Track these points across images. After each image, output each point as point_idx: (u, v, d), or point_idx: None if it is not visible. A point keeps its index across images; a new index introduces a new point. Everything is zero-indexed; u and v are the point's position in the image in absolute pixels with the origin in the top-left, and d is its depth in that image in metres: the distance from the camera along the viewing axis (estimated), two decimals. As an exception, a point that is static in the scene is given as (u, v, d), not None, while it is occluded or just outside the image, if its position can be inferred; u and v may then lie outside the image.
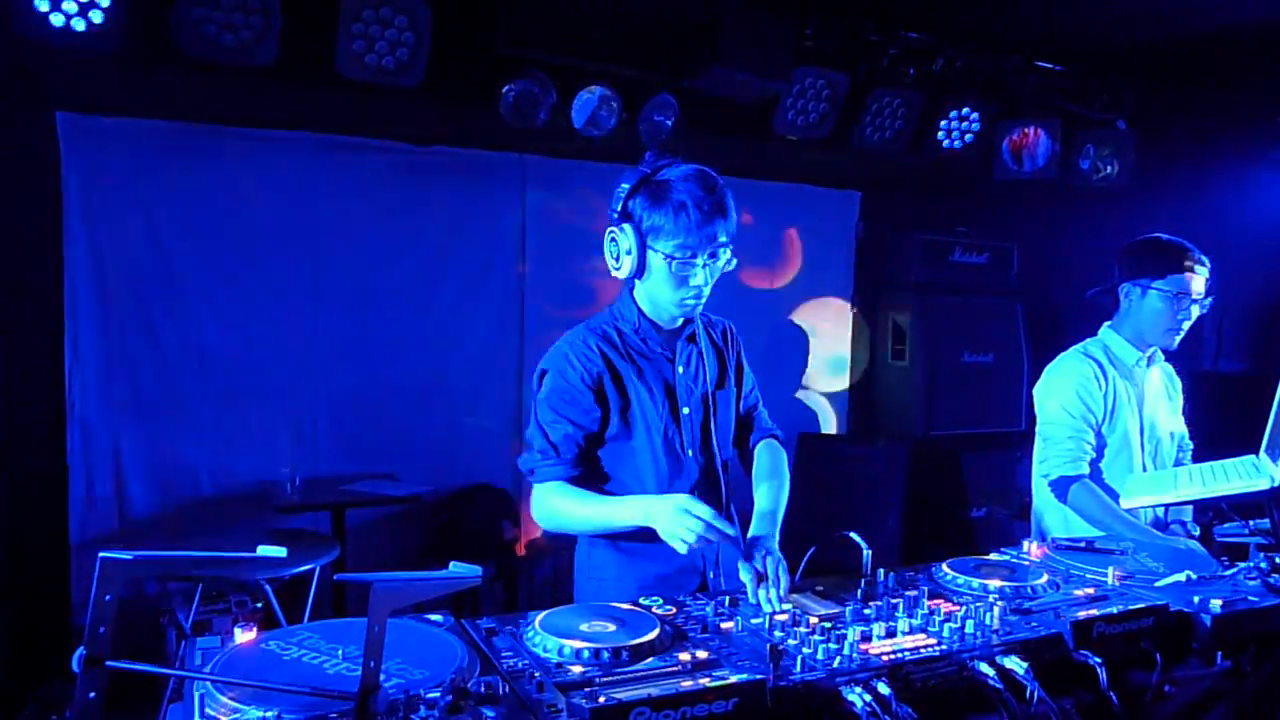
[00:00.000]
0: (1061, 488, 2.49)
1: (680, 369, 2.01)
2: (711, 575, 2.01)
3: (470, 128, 4.10)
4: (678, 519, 1.68)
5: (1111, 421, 2.56)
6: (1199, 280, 2.54)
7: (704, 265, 1.87)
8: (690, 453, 2.00)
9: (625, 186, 1.90)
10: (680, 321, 2.01)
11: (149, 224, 3.81)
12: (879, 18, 3.92)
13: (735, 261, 1.92)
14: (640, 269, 1.90)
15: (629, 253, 1.89)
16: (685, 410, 2.00)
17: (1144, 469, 2.60)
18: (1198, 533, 2.60)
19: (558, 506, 1.92)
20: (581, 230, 4.64)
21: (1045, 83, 4.44)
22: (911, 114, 4.22)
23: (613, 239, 1.92)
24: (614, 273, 1.95)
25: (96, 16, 2.80)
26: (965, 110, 4.37)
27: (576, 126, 3.69)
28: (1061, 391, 2.58)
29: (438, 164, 4.30)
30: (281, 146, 4.01)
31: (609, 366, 1.95)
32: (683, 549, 1.70)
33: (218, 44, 2.98)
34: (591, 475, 1.97)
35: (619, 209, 1.91)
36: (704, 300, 1.95)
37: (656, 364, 2.00)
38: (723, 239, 1.87)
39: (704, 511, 1.68)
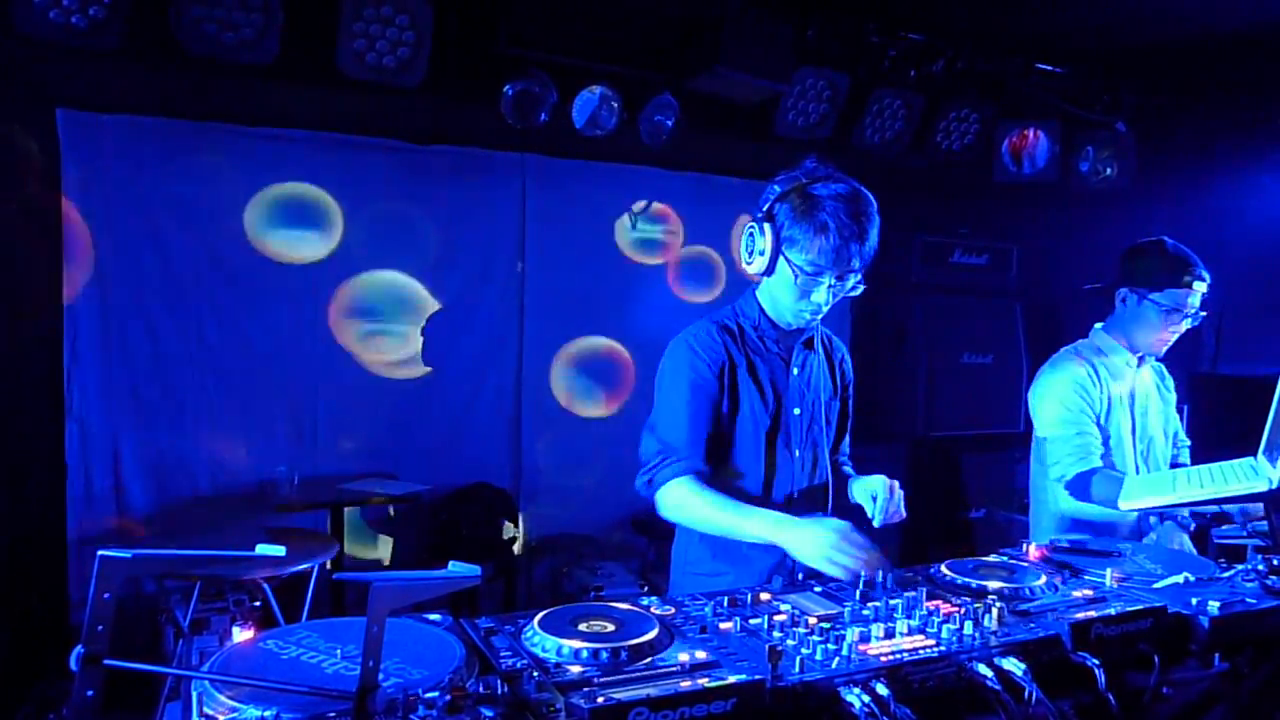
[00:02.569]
0: (1082, 484, 2.45)
1: (795, 370, 2.06)
2: (801, 577, 1.92)
3: (471, 127, 4.10)
4: (839, 546, 1.70)
5: (1105, 421, 2.57)
6: (1196, 295, 2.53)
7: (830, 286, 1.92)
8: (798, 452, 2.05)
9: (776, 188, 1.94)
10: (795, 329, 2.05)
11: (148, 221, 3.81)
12: (880, 19, 3.92)
13: (863, 288, 1.97)
14: (769, 270, 1.95)
15: (762, 253, 1.93)
16: (796, 411, 2.05)
17: (1136, 469, 2.61)
18: (1192, 527, 2.60)
19: (688, 504, 1.92)
20: (582, 230, 4.64)
21: (1045, 84, 4.44)
22: (912, 115, 4.23)
23: (750, 234, 1.96)
24: (744, 266, 1.99)
25: (97, 13, 2.80)
26: (965, 111, 4.37)
27: (577, 126, 3.69)
28: (1059, 391, 2.58)
29: (438, 163, 4.30)
30: (282, 145, 4.01)
31: (730, 357, 1.99)
32: (844, 576, 1.69)
33: (218, 41, 2.97)
34: (716, 469, 1.98)
35: (765, 208, 1.94)
36: (822, 315, 2.00)
37: (770, 362, 2.05)
38: (855, 264, 1.91)
39: (865, 544, 1.71)
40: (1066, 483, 2.50)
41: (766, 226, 1.92)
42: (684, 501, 1.91)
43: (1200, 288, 2.53)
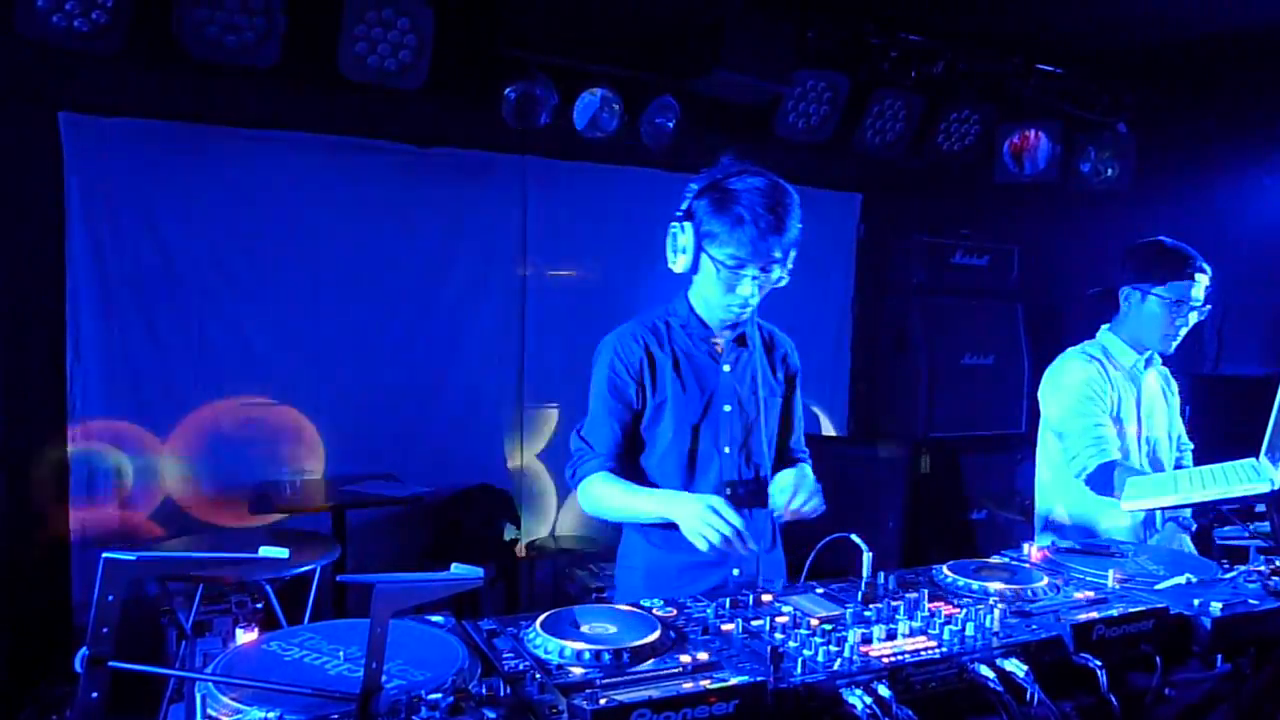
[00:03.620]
0: (1104, 476, 2.41)
1: (726, 368, 2.08)
2: (737, 573, 2.03)
3: (472, 129, 4.11)
4: (705, 517, 1.77)
5: (1114, 421, 2.57)
6: (1199, 287, 2.54)
7: (754, 278, 1.93)
8: (728, 449, 2.05)
9: (694, 186, 1.97)
10: (728, 325, 2.06)
11: (151, 224, 3.82)
12: (880, 20, 3.92)
13: (787, 279, 1.97)
14: (694, 268, 1.98)
15: (684, 250, 1.96)
16: (727, 408, 2.05)
17: (1140, 471, 2.61)
18: (1194, 528, 2.60)
19: (598, 494, 2.00)
20: (582, 232, 4.64)
21: (1046, 86, 4.45)
22: (912, 116, 4.23)
23: (673, 235, 1.99)
24: (670, 265, 2.02)
25: (99, 17, 2.81)
26: (966, 113, 4.37)
27: (578, 128, 3.69)
28: (1070, 387, 2.58)
29: (439, 165, 4.30)
30: (284, 147, 4.01)
31: (649, 356, 2.03)
32: (702, 545, 1.77)
33: (220, 45, 2.98)
34: (631, 464, 2.05)
35: (684, 207, 1.97)
36: (750, 310, 2.02)
37: (698, 360, 2.06)
38: (777, 255, 1.91)
39: (734, 519, 1.77)
40: (1088, 476, 2.45)
41: (687, 224, 1.95)
42: (597, 494, 2.00)
43: (1203, 279, 2.54)
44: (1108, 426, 2.52)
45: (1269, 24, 3.67)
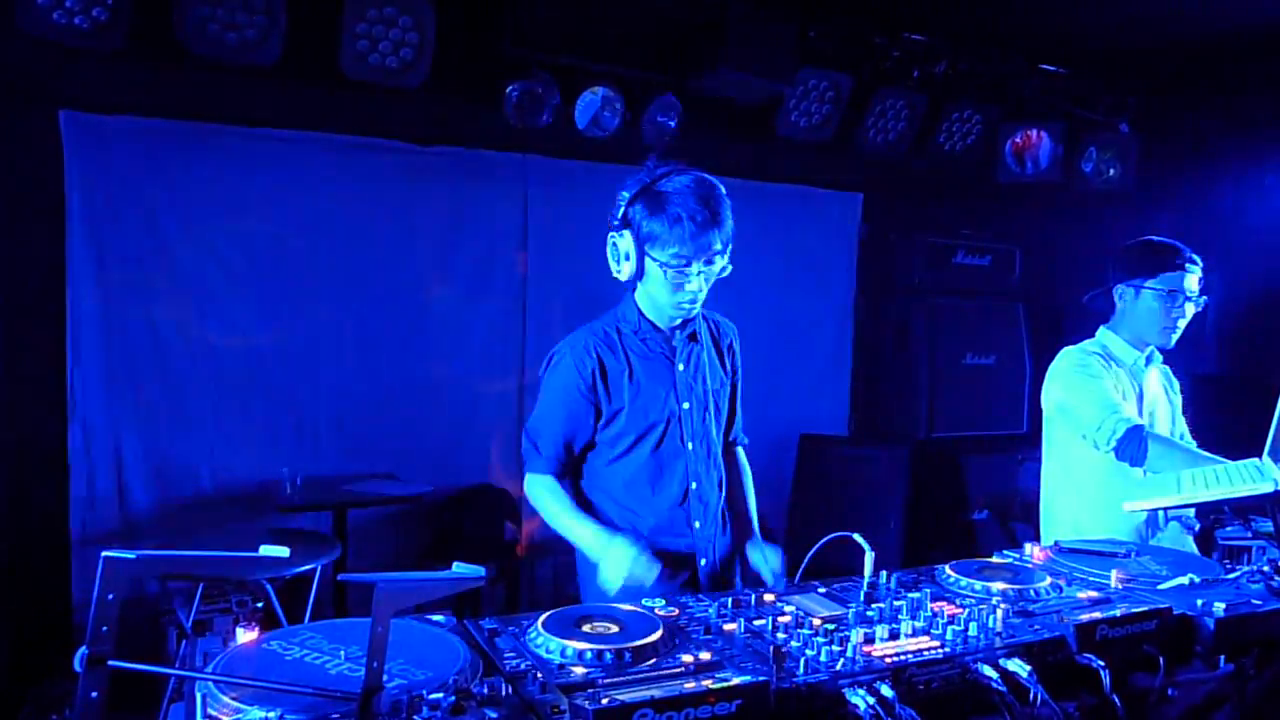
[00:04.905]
0: (1134, 440, 2.38)
1: (681, 366, 2.11)
2: (704, 562, 2.13)
3: (473, 128, 4.10)
4: (621, 568, 1.89)
5: None
6: (1192, 278, 2.56)
7: (699, 273, 1.97)
8: (691, 445, 2.11)
9: (625, 194, 1.99)
10: (678, 323, 2.10)
11: (151, 223, 3.81)
12: (882, 20, 3.92)
13: (730, 268, 2.02)
14: (639, 273, 2.00)
15: (627, 258, 1.99)
16: (685, 405, 2.11)
17: (1168, 439, 2.60)
18: (1197, 528, 2.60)
19: (540, 500, 2.12)
20: (583, 231, 4.62)
21: (1048, 86, 4.44)
22: (914, 116, 4.22)
23: (613, 244, 2.01)
24: (615, 275, 2.05)
25: (100, 14, 2.80)
26: (968, 112, 4.37)
27: (579, 127, 3.69)
28: (1073, 370, 2.59)
29: (440, 164, 4.29)
30: (284, 146, 4.01)
31: (601, 366, 2.05)
32: (610, 591, 1.89)
33: (221, 42, 2.98)
34: (574, 475, 2.16)
35: (620, 215, 1.99)
36: (700, 304, 2.05)
37: (654, 363, 2.10)
38: (717, 247, 1.96)
39: (649, 577, 1.89)
40: (1118, 441, 2.41)
41: (625, 232, 1.98)
42: (539, 497, 2.12)
43: (1195, 270, 2.56)
44: (1118, 397, 2.52)
45: (1271, 24, 3.67)
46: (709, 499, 2.14)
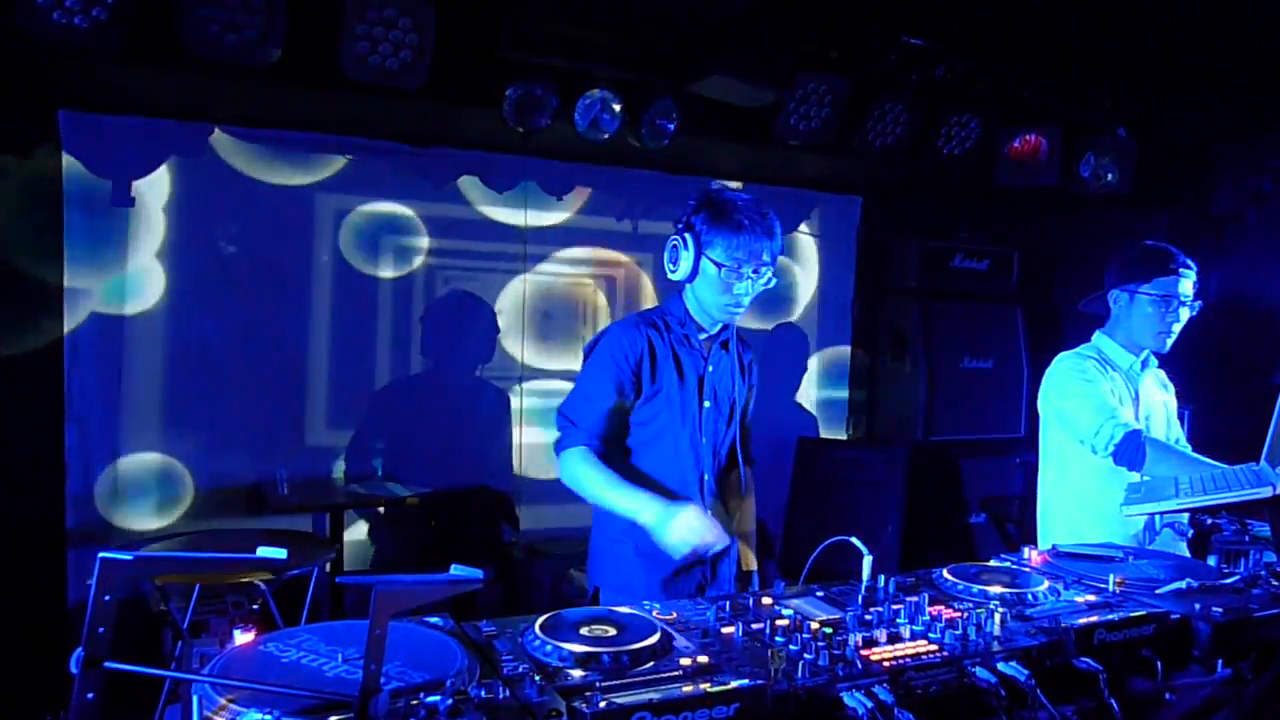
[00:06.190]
0: (1132, 445, 2.39)
1: (710, 367, 2.31)
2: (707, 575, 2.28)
3: (473, 129, 4.10)
4: (693, 531, 1.99)
5: None
6: (1186, 283, 2.57)
7: (748, 277, 2.18)
8: (704, 440, 2.29)
9: (691, 203, 2.23)
10: (719, 327, 2.30)
11: (149, 223, 3.81)
12: (881, 24, 3.92)
13: (775, 281, 2.23)
14: (693, 273, 2.21)
15: (685, 259, 2.20)
16: (707, 404, 2.29)
17: (1164, 442, 2.60)
18: (1190, 533, 2.60)
19: (580, 472, 2.16)
20: (582, 232, 4.64)
21: (1046, 90, 4.45)
22: (913, 120, 4.23)
23: (674, 246, 2.23)
24: (670, 274, 2.25)
25: (99, 14, 2.80)
26: (966, 117, 4.37)
27: (579, 129, 3.69)
28: (1070, 374, 2.60)
29: (440, 165, 4.30)
30: (284, 147, 4.01)
31: (650, 348, 2.23)
32: (677, 554, 2.01)
33: (221, 43, 2.97)
34: (616, 449, 2.22)
35: (684, 220, 2.22)
36: (744, 309, 2.25)
37: (693, 357, 2.29)
38: (767, 258, 2.18)
39: (717, 539, 2.01)
40: (1116, 446, 2.42)
41: (687, 235, 2.19)
42: (577, 471, 2.16)
43: (1188, 275, 2.58)
44: (1115, 402, 2.52)
45: (1269, 28, 3.68)
46: (718, 498, 2.32)
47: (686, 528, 1.99)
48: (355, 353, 4.23)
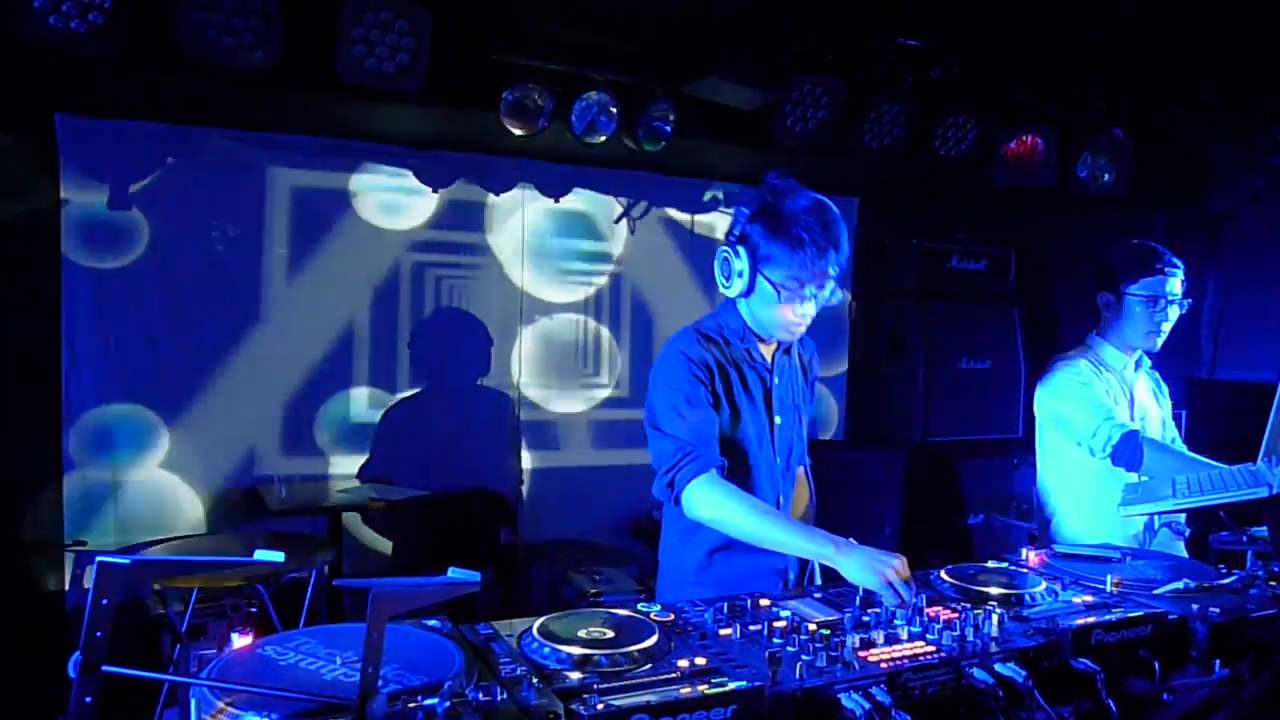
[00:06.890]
0: (1129, 445, 2.40)
1: (777, 380, 2.11)
2: (792, 576, 2.07)
3: (470, 132, 4.10)
4: (875, 566, 1.64)
5: None
6: (1174, 282, 2.58)
7: (811, 295, 1.96)
8: (779, 459, 2.10)
9: (746, 211, 1.97)
10: (783, 341, 2.10)
11: (147, 226, 3.81)
12: (878, 25, 3.93)
13: (839, 294, 2.02)
14: (749, 290, 1.97)
15: (740, 275, 1.96)
16: (778, 420, 2.10)
17: (1162, 443, 2.61)
18: (1188, 534, 2.61)
19: (723, 506, 1.86)
20: (580, 235, 4.64)
21: (1043, 91, 4.46)
22: (910, 121, 4.23)
23: (725, 259, 1.99)
24: (722, 289, 2.02)
25: (96, 18, 2.80)
26: (963, 118, 4.38)
27: (575, 132, 3.69)
28: (1066, 378, 2.61)
29: (437, 167, 4.30)
30: (281, 150, 4.01)
31: (717, 364, 2.01)
32: (890, 601, 1.60)
33: (218, 47, 2.97)
34: (734, 465, 1.97)
35: (737, 231, 1.97)
36: (805, 326, 2.04)
37: (757, 372, 2.08)
38: (832, 272, 1.95)
39: (901, 567, 1.64)
40: (1113, 447, 2.43)
41: (741, 249, 1.95)
42: (718, 503, 1.86)
43: (1175, 274, 2.58)
44: (1110, 402, 2.53)
45: (1265, 28, 3.69)
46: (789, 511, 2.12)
47: (864, 564, 1.66)
48: (357, 352, 4.23)
